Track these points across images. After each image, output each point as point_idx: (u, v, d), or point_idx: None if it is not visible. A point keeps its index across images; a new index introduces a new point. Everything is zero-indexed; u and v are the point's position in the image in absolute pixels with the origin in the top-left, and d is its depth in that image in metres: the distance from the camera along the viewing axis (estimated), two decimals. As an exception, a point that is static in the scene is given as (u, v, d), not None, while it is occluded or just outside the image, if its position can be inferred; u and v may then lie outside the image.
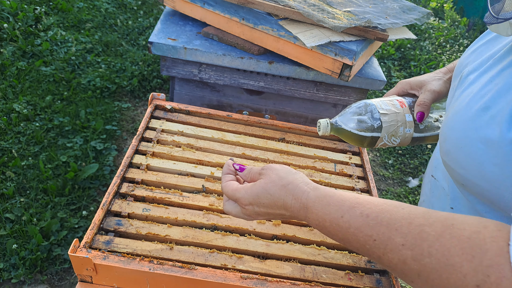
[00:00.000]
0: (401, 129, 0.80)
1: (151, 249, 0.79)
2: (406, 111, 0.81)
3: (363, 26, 1.21)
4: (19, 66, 2.46)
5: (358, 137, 0.81)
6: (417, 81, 0.85)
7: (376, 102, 0.81)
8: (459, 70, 0.69)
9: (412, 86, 0.86)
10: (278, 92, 1.42)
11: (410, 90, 0.87)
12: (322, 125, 0.83)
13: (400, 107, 0.81)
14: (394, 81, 3.43)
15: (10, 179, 1.84)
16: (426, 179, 0.82)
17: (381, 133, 0.79)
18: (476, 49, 0.68)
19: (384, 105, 0.81)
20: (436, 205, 0.74)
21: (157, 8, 3.60)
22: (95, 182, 1.94)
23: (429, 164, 0.83)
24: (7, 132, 2.06)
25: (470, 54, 0.68)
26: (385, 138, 0.80)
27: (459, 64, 0.71)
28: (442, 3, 5.03)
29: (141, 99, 2.61)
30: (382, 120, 0.79)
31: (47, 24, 2.88)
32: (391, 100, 0.82)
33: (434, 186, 0.76)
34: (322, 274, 0.82)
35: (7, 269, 1.54)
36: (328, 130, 0.83)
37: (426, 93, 0.81)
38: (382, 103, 0.81)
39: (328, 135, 0.85)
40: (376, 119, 0.79)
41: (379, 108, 0.80)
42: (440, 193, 0.73)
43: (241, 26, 1.32)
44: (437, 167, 0.75)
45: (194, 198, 0.92)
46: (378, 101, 0.82)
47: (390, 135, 0.80)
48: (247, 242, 0.84)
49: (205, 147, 1.07)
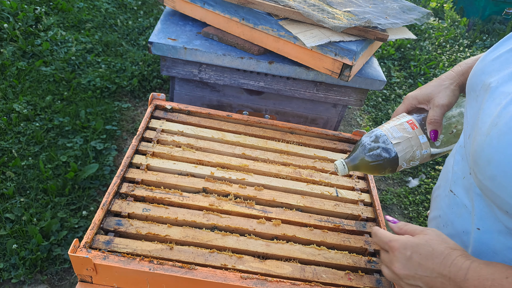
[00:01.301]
0: (417, 152, 0.79)
1: (151, 249, 0.79)
2: (418, 132, 0.79)
3: (363, 26, 1.21)
4: (19, 66, 2.46)
5: (376, 170, 0.81)
6: (424, 95, 0.81)
7: (387, 130, 0.80)
8: (479, 78, 0.65)
9: (419, 101, 0.83)
10: (278, 92, 1.42)
11: (418, 105, 0.83)
12: (339, 168, 0.83)
13: (411, 129, 0.79)
14: (394, 81, 3.43)
15: (10, 179, 1.84)
16: (442, 192, 0.77)
17: (399, 162, 0.79)
18: (500, 56, 0.62)
19: (395, 132, 0.79)
20: (456, 223, 0.70)
21: (157, 8, 3.60)
22: (95, 182, 1.94)
23: (444, 176, 0.79)
24: (7, 132, 2.06)
25: (493, 62, 0.63)
26: (403, 165, 0.80)
27: (478, 71, 0.66)
28: (442, 3, 5.03)
29: (141, 99, 2.61)
30: (397, 151, 0.78)
31: (47, 24, 2.88)
32: (401, 124, 0.80)
33: (453, 202, 0.72)
34: (322, 274, 0.82)
35: (7, 269, 1.54)
36: (346, 170, 0.82)
37: (435, 109, 0.78)
38: (392, 130, 0.80)
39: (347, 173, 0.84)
40: (390, 150, 0.78)
41: (391, 138, 0.78)
42: (461, 211, 0.69)
43: (241, 26, 1.32)
44: (456, 183, 0.71)
45: (194, 198, 0.92)
46: (388, 128, 0.80)
47: (408, 160, 0.79)
48: (247, 242, 0.84)
49: (205, 147, 1.07)
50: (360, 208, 1.00)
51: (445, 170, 0.79)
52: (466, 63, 0.82)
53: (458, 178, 0.71)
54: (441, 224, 0.75)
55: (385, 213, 2.24)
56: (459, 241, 0.68)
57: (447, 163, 0.80)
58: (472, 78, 0.68)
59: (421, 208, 2.30)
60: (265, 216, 0.91)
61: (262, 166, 1.05)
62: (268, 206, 0.96)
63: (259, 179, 1.01)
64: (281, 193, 0.98)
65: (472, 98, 0.66)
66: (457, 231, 0.70)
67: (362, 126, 2.89)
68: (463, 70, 0.81)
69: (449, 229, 0.72)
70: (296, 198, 0.98)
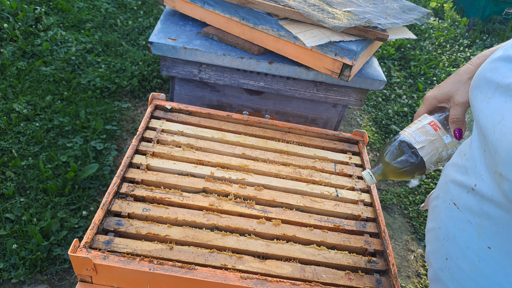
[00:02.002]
0: (443, 153, 0.78)
1: (151, 249, 0.79)
2: (442, 133, 0.78)
3: (363, 26, 1.21)
4: (19, 66, 2.46)
5: (405, 175, 0.81)
6: (443, 94, 0.80)
7: (409, 135, 0.79)
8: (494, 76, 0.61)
9: (439, 100, 0.81)
10: (278, 92, 1.42)
11: (438, 104, 0.82)
12: (367, 179, 0.83)
13: (433, 131, 0.78)
14: (394, 81, 3.43)
15: (10, 179, 1.84)
16: (441, 203, 0.74)
17: (426, 165, 0.78)
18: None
19: (417, 136, 0.78)
20: (459, 238, 0.67)
21: (157, 8, 3.60)
22: (95, 182, 1.94)
23: (443, 187, 0.75)
24: (7, 132, 2.06)
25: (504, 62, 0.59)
26: (431, 168, 0.79)
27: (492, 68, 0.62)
28: (442, 3, 5.03)
29: (141, 99, 2.61)
30: (422, 155, 0.77)
31: (47, 24, 2.87)
32: (423, 127, 0.79)
33: (455, 216, 0.68)
34: (322, 274, 0.81)
35: (7, 269, 1.54)
36: (374, 180, 0.82)
37: (456, 108, 0.76)
38: (415, 134, 0.79)
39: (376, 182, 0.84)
40: (416, 155, 0.77)
41: (414, 143, 0.78)
42: (465, 226, 0.66)
43: (241, 26, 1.32)
44: (459, 197, 0.68)
45: (194, 198, 0.92)
46: (411, 133, 0.80)
47: (436, 162, 0.79)
48: (247, 242, 0.84)
49: (205, 147, 1.07)
50: (360, 208, 1.00)
51: (444, 180, 0.75)
52: (484, 55, 0.79)
53: (462, 192, 0.67)
54: (441, 236, 0.72)
55: (385, 213, 2.24)
56: (461, 256, 0.65)
57: (445, 173, 0.76)
58: (485, 75, 0.64)
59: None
60: (265, 216, 0.91)
61: (262, 166, 1.05)
62: (268, 206, 0.96)
63: (259, 179, 1.01)
64: (281, 193, 0.98)
65: (487, 96, 0.62)
66: (459, 246, 0.67)
67: (362, 126, 2.89)
68: (481, 63, 0.77)
69: (450, 243, 0.69)
70: (296, 198, 0.98)
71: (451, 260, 0.67)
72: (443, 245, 0.69)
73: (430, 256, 0.74)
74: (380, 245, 0.92)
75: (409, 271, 1.96)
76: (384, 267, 0.87)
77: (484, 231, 0.62)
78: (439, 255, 0.71)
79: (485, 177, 0.61)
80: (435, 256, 0.72)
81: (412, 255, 2.04)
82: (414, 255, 2.05)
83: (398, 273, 1.72)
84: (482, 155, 0.63)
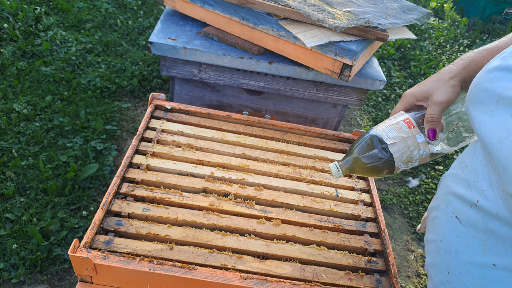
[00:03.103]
0: (415, 153, 0.75)
1: (151, 249, 0.79)
2: (416, 132, 0.75)
3: (363, 26, 1.21)
4: (19, 66, 2.46)
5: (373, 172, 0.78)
6: (422, 92, 0.77)
7: (381, 130, 0.76)
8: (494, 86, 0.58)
9: (418, 98, 0.78)
10: (278, 92, 1.42)
11: (416, 102, 0.79)
12: (333, 171, 0.80)
13: (407, 129, 0.75)
14: (394, 81, 3.43)
15: (10, 179, 1.84)
16: (442, 215, 0.70)
17: (395, 163, 0.75)
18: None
19: (390, 132, 0.75)
20: (462, 253, 0.64)
21: (157, 8, 3.60)
22: (95, 182, 1.94)
23: (443, 198, 0.72)
24: (7, 132, 2.06)
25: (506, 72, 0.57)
26: (401, 166, 0.76)
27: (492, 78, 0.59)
28: (442, 3, 5.03)
29: (141, 99, 2.61)
30: (392, 151, 0.74)
31: (47, 24, 2.87)
32: (397, 123, 0.76)
33: (458, 230, 0.65)
34: (322, 274, 0.81)
35: (7, 269, 1.54)
36: (340, 173, 0.80)
37: (433, 107, 0.73)
38: (388, 130, 0.76)
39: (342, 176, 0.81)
40: (386, 150, 0.75)
41: (385, 139, 0.75)
42: (469, 242, 0.63)
43: (241, 26, 1.32)
44: (462, 211, 0.65)
45: (194, 198, 0.92)
46: (383, 128, 0.77)
47: (406, 161, 0.75)
48: (247, 242, 0.84)
49: (205, 147, 1.07)
50: (360, 208, 1.00)
51: (444, 191, 0.73)
52: (467, 56, 0.76)
53: (464, 206, 0.65)
54: (443, 250, 0.69)
55: (385, 213, 2.24)
56: (465, 271, 0.63)
57: (445, 184, 0.74)
58: (484, 87, 0.60)
59: (421, 208, 2.30)
60: (265, 216, 0.91)
61: (262, 166, 1.05)
62: (268, 206, 0.96)
63: (259, 179, 1.01)
64: (281, 193, 0.98)
65: (483, 112, 0.60)
66: (462, 261, 0.64)
67: (362, 126, 2.89)
68: (464, 64, 0.75)
69: (452, 257, 0.66)
70: (296, 198, 0.98)
71: (453, 274, 0.65)
72: (445, 259, 0.67)
73: (430, 268, 0.72)
74: (380, 245, 0.92)
75: (409, 271, 1.96)
76: (384, 267, 0.87)
77: (490, 247, 0.59)
78: (440, 268, 0.68)
79: (488, 193, 0.59)
80: (436, 269, 0.70)
81: (412, 255, 2.04)
82: (414, 255, 2.05)
83: (398, 273, 1.72)
84: (486, 169, 0.60)
